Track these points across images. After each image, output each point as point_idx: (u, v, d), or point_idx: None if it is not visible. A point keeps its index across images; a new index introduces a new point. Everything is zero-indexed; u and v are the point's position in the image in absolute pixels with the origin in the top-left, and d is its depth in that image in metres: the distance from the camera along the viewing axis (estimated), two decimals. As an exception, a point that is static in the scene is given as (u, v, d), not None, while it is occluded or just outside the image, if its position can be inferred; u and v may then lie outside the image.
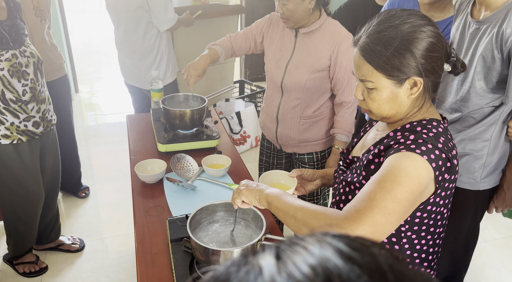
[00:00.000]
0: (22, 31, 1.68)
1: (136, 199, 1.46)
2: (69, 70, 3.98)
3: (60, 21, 3.76)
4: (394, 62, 0.88)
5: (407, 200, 0.83)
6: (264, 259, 0.29)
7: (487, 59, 1.23)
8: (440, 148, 0.88)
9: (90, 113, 4.03)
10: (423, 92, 0.93)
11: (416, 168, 0.84)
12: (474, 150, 1.35)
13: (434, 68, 0.90)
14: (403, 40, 0.87)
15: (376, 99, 0.93)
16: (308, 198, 1.87)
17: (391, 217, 0.81)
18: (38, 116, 1.76)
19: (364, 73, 0.92)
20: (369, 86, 0.93)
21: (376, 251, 0.29)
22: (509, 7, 1.17)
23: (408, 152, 0.86)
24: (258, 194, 0.99)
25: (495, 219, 2.52)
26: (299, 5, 1.50)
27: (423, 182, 0.85)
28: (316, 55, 1.59)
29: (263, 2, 4.45)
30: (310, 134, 1.74)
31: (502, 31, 1.18)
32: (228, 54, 1.81)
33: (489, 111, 1.31)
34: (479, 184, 1.39)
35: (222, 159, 1.62)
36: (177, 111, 1.71)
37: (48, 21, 2.23)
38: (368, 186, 0.85)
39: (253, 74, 4.66)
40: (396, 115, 0.96)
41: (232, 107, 3.35)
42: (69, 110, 2.47)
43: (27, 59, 1.66)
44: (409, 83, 0.90)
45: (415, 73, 0.89)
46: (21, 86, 1.65)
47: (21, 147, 1.74)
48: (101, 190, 2.75)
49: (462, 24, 1.33)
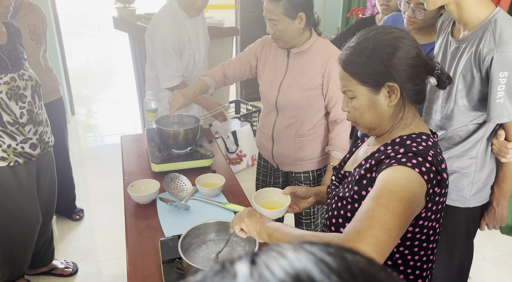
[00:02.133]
0: (21, 55, 1.71)
1: (128, 220, 1.44)
2: (65, 92, 4.00)
3: (57, 45, 3.81)
4: (366, 69, 0.93)
5: (405, 213, 0.83)
6: (239, 265, 0.30)
7: (467, 77, 1.25)
8: (430, 160, 0.88)
9: (86, 135, 4.03)
10: (404, 101, 0.95)
11: (409, 181, 0.85)
12: (462, 167, 1.36)
13: (410, 76, 0.92)
14: (375, 48, 0.92)
15: (357, 107, 0.97)
16: (305, 217, 1.86)
17: (392, 232, 0.81)
18: (35, 138, 1.76)
19: (344, 83, 0.97)
20: (350, 95, 0.97)
21: (349, 256, 0.30)
22: (485, 27, 1.20)
23: (400, 165, 0.87)
24: (259, 226, 0.99)
25: (493, 236, 2.50)
26: (289, 25, 1.53)
27: (418, 194, 0.86)
28: (309, 74, 1.61)
29: (258, 24, 4.54)
30: (306, 153, 1.75)
31: (479, 51, 1.19)
32: (219, 84, 1.84)
33: (473, 128, 1.32)
34: (469, 201, 1.38)
35: (216, 177, 1.62)
36: (171, 131, 1.71)
37: (44, 45, 2.26)
38: (365, 205, 0.85)
39: (249, 94, 4.70)
40: (380, 125, 0.98)
41: (228, 126, 3.37)
42: (63, 133, 2.48)
43: (25, 82, 1.68)
44: (385, 90, 0.93)
45: (389, 78, 0.92)
46: (18, 109, 1.66)
47: (18, 168, 1.74)
48: (96, 212, 2.73)
49: (444, 43, 1.36)
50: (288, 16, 1.50)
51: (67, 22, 9.82)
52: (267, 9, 1.53)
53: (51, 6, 3.66)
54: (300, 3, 1.50)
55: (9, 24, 1.72)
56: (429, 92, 1.43)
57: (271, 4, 1.50)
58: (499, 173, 1.36)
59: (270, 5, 1.51)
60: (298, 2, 1.49)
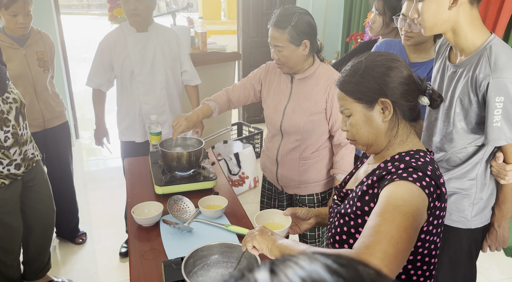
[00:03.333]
0: (4, 76, 1.71)
1: (132, 242, 1.45)
2: (70, 117, 4.06)
3: (63, 70, 3.90)
4: (360, 86, 0.99)
5: (411, 227, 0.86)
6: (259, 273, 0.31)
7: (464, 101, 1.28)
8: (429, 175, 0.92)
9: (90, 159, 4.06)
10: (398, 117, 1.00)
11: (412, 195, 0.89)
12: (462, 188, 1.37)
13: (402, 93, 0.98)
14: (367, 68, 0.99)
15: (354, 124, 1.02)
16: (310, 240, 1.85)
17: (400, 246, 0.83)
18: (20, 158, 1.78)
19: (341, 103, 1.04)
20: (346, 113, 1.03)
21: (361, 268, 0.31)
22: (481, 53, 1.23)
23: (402, 180, 0.91)
24: (271, 243, 1.01)
25: (498, 259, 2.47)
26: (294, 51, 1.57)
27: (420, 207, 0.89)
28: (312, 99, 1.65)
29: (259, 49, 4.64)
30: (310, 175, 1.76)
31: (475, 76, 1.23)
32: (223, 108, 1.88)
33: (472, 151, 1.34)
34: (470, 222, 1.39)
35: (218, 199, 1.63)
36: (175, 154, 1.74)
37: (51, 71, 2.32)
38: (371, 220, 0.88)
39: (251, 116, 4.75)
40: (377, 141, 1.02)
41: (231, 148, 3.40)
42: (67, 157, 2.51)
43: (9, 105, 1.69)
44: (379, 106, 0.99)
45: (381, 94, 0.97)
46: (3, 134, 1.68)
47: (3, 190, 1.75)
48: (99, 235, 2.72)
49: (441, 67, 1.40)
50: (293, 43, 1.55)
51: (73, 48, 10.04)
52: (273, 36, 1.57)
53: (59, 33, 3.77)
54: (305, 31, 1.55)
55: None
56: (428, 115, 1.46)
57: (276, 31, 1.55)
58: (499, 194, 1.37)
59: (275, 32, 1.56)
60: (302, 30, 1.54)
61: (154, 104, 2.26)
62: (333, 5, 4.56)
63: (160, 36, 2.21)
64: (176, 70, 2.30)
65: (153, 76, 2.22)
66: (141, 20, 2.11)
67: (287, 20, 1.53)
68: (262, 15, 4.53)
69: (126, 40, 2.16)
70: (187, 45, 2.98)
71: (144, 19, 2.12)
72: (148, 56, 2.18)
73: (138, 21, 2.11)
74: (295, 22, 1.53)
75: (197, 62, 2.97)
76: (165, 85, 2.26)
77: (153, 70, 2.21)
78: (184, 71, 2.32)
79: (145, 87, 2.22)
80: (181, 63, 2.31)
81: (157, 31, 2.21)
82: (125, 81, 2.23)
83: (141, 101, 2.24)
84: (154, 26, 2.21)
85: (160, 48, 2.20)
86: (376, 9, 2.02)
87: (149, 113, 2.25)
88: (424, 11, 1.23)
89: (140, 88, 2.22)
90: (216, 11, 11.90)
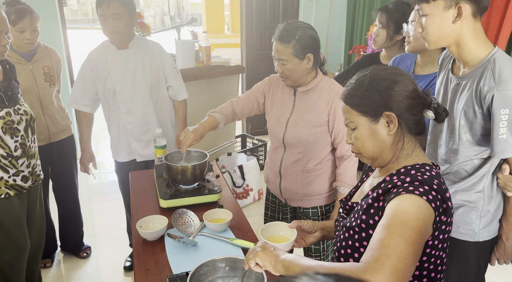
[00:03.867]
0: (17, 91, 1.77)
1: (137, 256, 1.44)
2: (75, 130, 4.09)
3: (69, 84, 3.94)
4: (365, 100, 1.00)
5: (418, 241, 0.85)
6: None
7: (469, 113, 1.28)
8: (436, 189, 0.92)
9: (94, 172, 4.07)
10: (403, 131, 1.00)
11: (419, 209, 0.88)
12: (469, 201, 1.36)
13: (407, 106, 0.98)
14: (372, 81, 1.00)
15: (359, 137, 1.03)
16: (314, 254, 1.84)
17: (408, 261, 0.83)
18: (28, 171, 1.79)
19: (346, 116, 1.04)
20: (351, 126, 1.04)
21: None
22: (484, 66, 1.24)
23: (408, 194, 0.90)
24: (274, 259, 0.98)
25: (506, 272, 2.43)
26: (298, 65, 1.59)
27: (427, 222, 0.89)
28: (315, 112, 1.66)
29: (262, 62, 4.68)
30: (314, 188, 1.76)
31: (480, 88, 1.23)
32: (228, 120, 1.88)
33: (479, 163, 1.33)
34: (478, 235, 1.37)
35: (223, 213, 1.63)
36: (179, 167, 1.75)
37: (57, 85, 2.35)
38: (379, 234, 0.87)
39: (255, 128, 4.76)
40: (382, 154, 1.03)
41: (235, 161, 3.40)
42: (72, 171, 2.51)
43: (20, 116, 1.73)
44: (384, 119, 0.99)
45: (386, 108, 0.98)
46: (13, 143, 1.71)
47: (10, 200, 1.76)
48: (103, 249, 2.71)
49: (445, 79, 1.40)
50: (297, 56, 1.57)
51: (79, 62, 10.13)
52: (277, 49, 1.59)
53: (65, 48, 3.83)
54: (309, 45, 1.57)
55: (4, 61, 1.79)
56: (433, 127, 1.46)
57: (281, 45, 1.57)
58: (506, 206, 1.36)
59: (280, 46, 1.58)
60: (306, 44, 1.57)
61: (137, 123, 2.20)
62: (336, 18, 4.61)
63: (141, 52, 2.15)
64: (161, 86, 2.22)
65: (135, 94, 2.15)
66: (121, 37, 2.06)
67: (291, 34, 1.55)
68: (265, 29, 4.58)
69: (107, 58, 2.12)
70: (191, 58, 3.01)
71: (124, 36, 2.07)
72: (129, 75, 2.12)
73: (117, 38, 2.06)
74: (299, 36, 1.55)
75: (202, 75, 3.00)
76: (149, 103, 2.19)
77: (134, 89, 2.14)
78: (169, 86, 2.25)
79: (126, 106, 2.16)
80: (166, 77, 2.23)
81: (138, 47, 2.15)
82: (108, 100, 2.19)
83: (124, 120, 2.19)
84: (135, 41, 2.15)
85: (141, 64, 2.14)
86: (379, 23, 2.04)
87: (133, 133, 2.20)
88: (428, 26, 1.24)
89: (122, 108, 2.16)
90: (219, 25, 12.06)
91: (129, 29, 2.07)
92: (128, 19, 2.04)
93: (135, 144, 2.25)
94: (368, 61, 2.20)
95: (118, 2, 1.98)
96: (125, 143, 2.25)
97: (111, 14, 1.98)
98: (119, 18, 2.00)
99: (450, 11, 1.20)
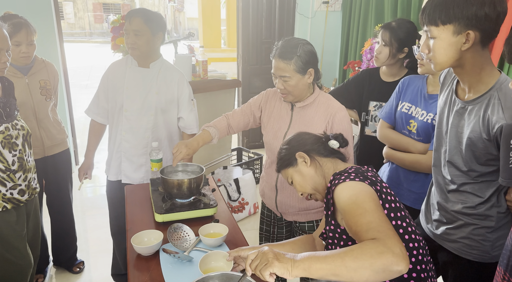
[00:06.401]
0: (14, 107, 1.79)
1: (131, 272, 1.42)
2: (71, 144, 4.07)
3: (65, 98, 3.94)
4: (285, 157, 1.38)
5: (377, 204, 1.06)
6: None
7: (475, 140, 1.26)
8: (355, 170, 1.16)
9: (88, 185, 4.04)
10: (316, 158, 1.32)
11: (353, 187, 1.09)
12: (480, 222, 1.34)
13: (311, 143, 1.36)
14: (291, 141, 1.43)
15: (297, 184, 1.33)
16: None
17: (386, 219, 1.03)
18: (24, 185, 1.79)
19: (285, 176, 1.40)
20: (286, 178, 1.39)
21: None
22: (491, 94, 1.22)
23: (340, 184, 1.12)
24: (291, 264, 0.95)
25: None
26: (300, 80, 1.61)
27: (365, 188, 1.09)
28: (312, 126, 1.67)
29: (258, 76, 4.73)
30: (310, 202, 1.75)
31: (487, 117, 1.21)
32: (222, 134, 1.88)
33: (485, 186, 1.31)
34: (491, 257, 1.35)
35: (219, 227, 1.61)
36: (175, 181, 1.74)
37: (53, 99, 2.35)
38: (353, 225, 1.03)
39: (250, 141, 4.77)
40: (316, 184, 1.29)
41: (230, 174, 3.39)
42: (67, 185, 2.49)
43: (17, 131, 1.74)
44: (300, 159, 1.32)
45: (295, 152, 1.35)
46: (11, 157, 1.71)
47: (7, 214, 1.74)
48: (96, 264, 2.67)
49: (448, 100, 1.38)
50: (300, 72, 1.59)
51: (75, 74, 10.18)
52: (278, 67, 1.61)
53: (61, 62, 3.84)
54: (309, 60, 1.60)
55: (3, 78, 1.80)
56: (435, 151, 1.45)
57: (282, 62, 1.59)
58: None
59: (281, 63, 1.59)
60: (308, 59, 1.60)
61: (135, 144, 2.13)
62: (331, 34, 4.68)
63: (161, 75, 2.10)
64: (171, 114, 2.17)
65: (141, 114, 2.10)
66: (140, 54, 2.04)
67: (292, 51, 1.58)
68: (261, 43, 4.63)
69: (126, 72, 2.12)
70: (188, 72, 3.03)
71: (143, 54, 2.04)
72: (141, 93, 2.09)
73: (137, 54, 2.05)
74: (300, 52, 1.58)
75: (198, 89, 3.01)
76: (152, 127, 2.13)
77: (142, 109, 2.10)
78: (180, 117, 2.19)
79: (129, 124, 2.11)
80: (179, 108, 2.18)
81: (159, 70, 2.11)
82: (114, 113, 2.16)
83: (123, 137, 2.14)
84: (158, 63, 2.11)
85: (156, 87, 2.09)
86: (382, 40, 2.04)
87: (127, 153, 2.14)
88: (435, 49, 1.23)
89: (125, 124, 2.11)
90: (216, 39, 12.17)
91: (149, 47, 2.03)
92: (149, 38, 2.01)
93: (125, 164, 2.17)
94: (367, 76, 2.22)
95: (141, 19, 1.97)
96: (116, 160, 2.19)
97: (132, 29, 1.99)
98: (139, 35, 1.99)
99: (459, 37, 1.18)
